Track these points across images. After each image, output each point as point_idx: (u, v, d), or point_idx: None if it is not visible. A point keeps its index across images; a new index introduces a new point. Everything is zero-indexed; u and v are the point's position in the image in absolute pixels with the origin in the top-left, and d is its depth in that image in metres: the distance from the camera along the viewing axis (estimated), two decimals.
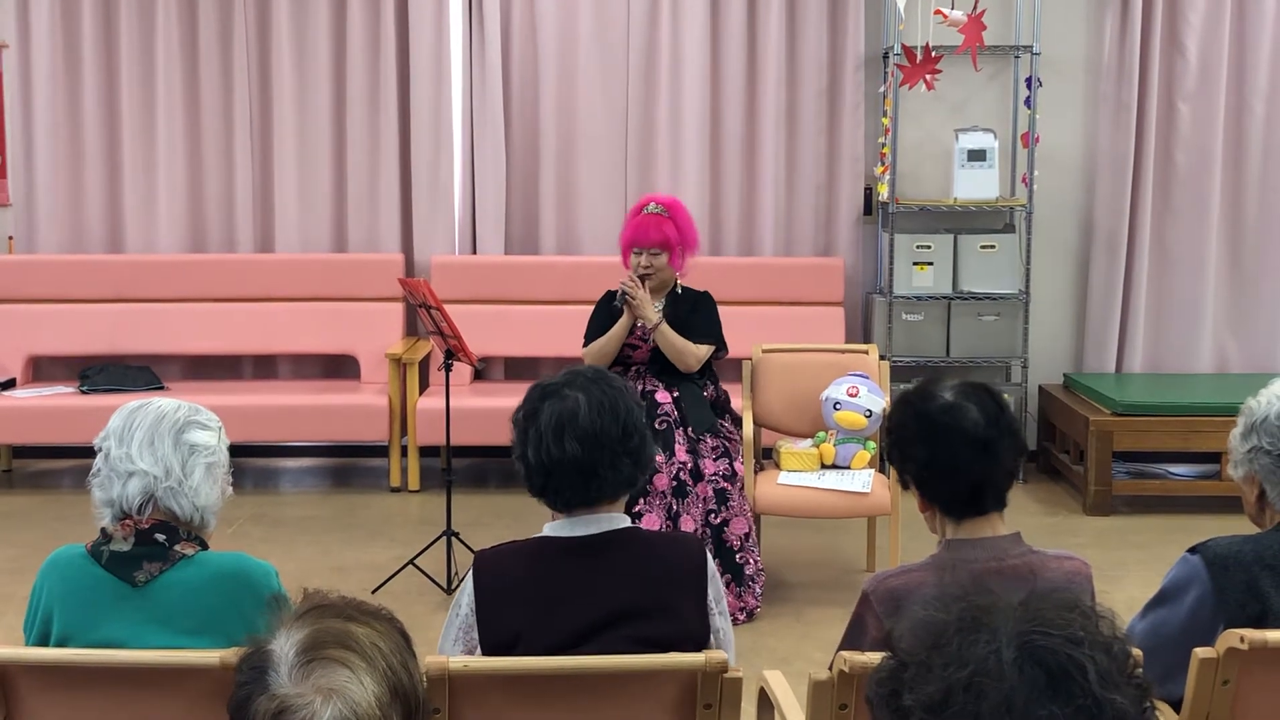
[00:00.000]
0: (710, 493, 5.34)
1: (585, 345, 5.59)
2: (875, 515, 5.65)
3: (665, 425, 5.38)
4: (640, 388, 5.48)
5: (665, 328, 5.45)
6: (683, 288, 5.61)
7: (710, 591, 2.82)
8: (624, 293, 5.45)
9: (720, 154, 7.64)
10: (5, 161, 7.71)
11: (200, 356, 7.71)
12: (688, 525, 5.25)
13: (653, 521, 5.19)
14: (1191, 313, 7.62)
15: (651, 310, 5.45)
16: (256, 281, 7.61)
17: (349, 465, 7.84)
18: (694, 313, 5.55)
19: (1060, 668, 1.35)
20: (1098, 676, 1.35)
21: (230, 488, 2.91)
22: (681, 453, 5.35)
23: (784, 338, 6.39)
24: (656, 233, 5.49)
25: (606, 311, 5.58)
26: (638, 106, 7.61)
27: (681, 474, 5.31)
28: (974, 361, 7.44)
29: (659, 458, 5.28)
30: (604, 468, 2.73)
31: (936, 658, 1.40)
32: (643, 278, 5.50)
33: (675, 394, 5.49)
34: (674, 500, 5.29)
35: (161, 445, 2.77)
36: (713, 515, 5.32)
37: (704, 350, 5.51)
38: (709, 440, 5.43)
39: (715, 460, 5.40)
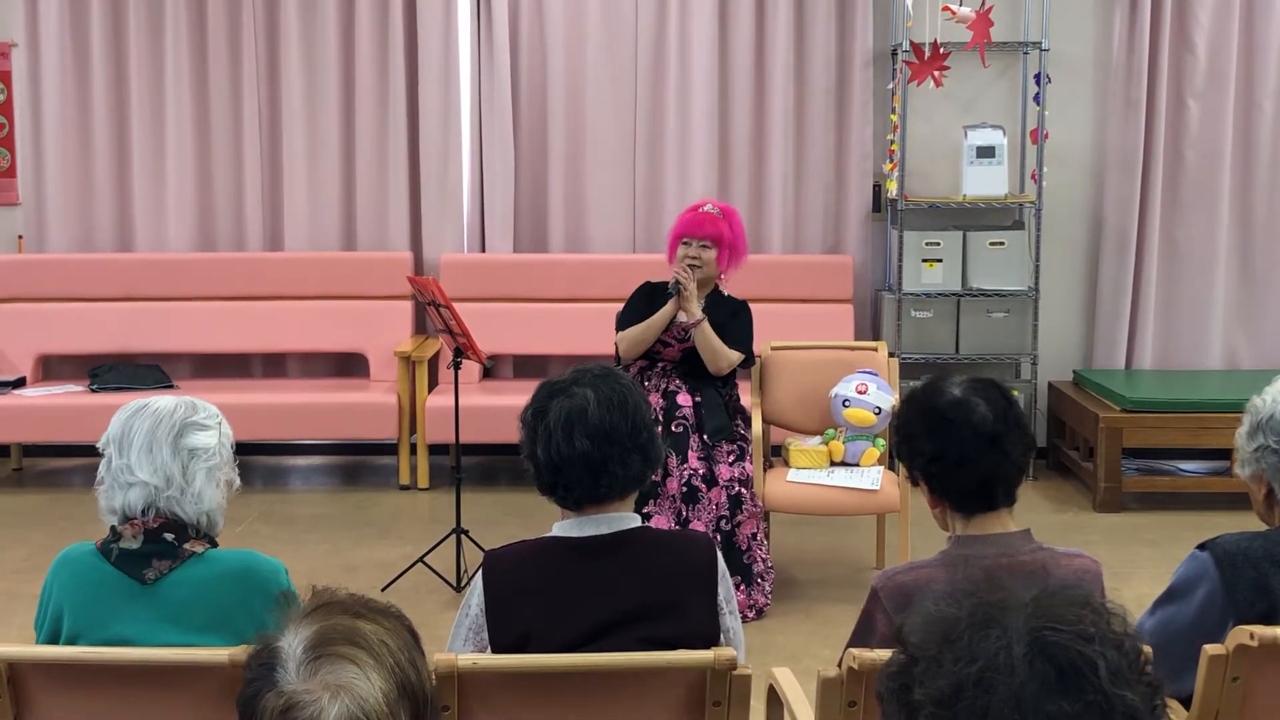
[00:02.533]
0: (724, 498, 5.32)
1: (619, 331, 5.56)
2: (885, 512, 5.65)
3: (681, 429, 5.37)
4: (664, 386, 5.47)
5: (706, 325, 5.43)
6: (727, 294, 5.60)
7: (720, 590, 2.81)
8: (677, 281, 5.44)
9: (729, 152, 7.64)
10: (14, 160, 7.72)
11: (210, 355, 7.71)
12: (697, 529, 5.24)
13: (661, 524, 5.17)
14: (1201, 309, 7.61)
15: (696, 305, 5.45)
16: (266, 280, 7.61)
17: (358, 463, 7.85)
18: (733, 318, 5.54)
19: (1070, 664, 1.35)
20: (1108, 673, 1.35)
21: (237, 478, 2.90)
22: (694, 459, 5.33)
23: (793, 335, 6.39)
24: (711, 226, 5.49)
25: (645, 302, 5.56)
26: (646, 104, 7.61)
27: (693, 479, 5.30)
28: (983, 358, 7.43)
29: (671, 461, 5.27)
30: (614, 464, 2.73)
31: (947, 652, 1.39)
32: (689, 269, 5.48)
33: (696, 399, 5.47)
34: (684, 506, 5.28)
35: (160, 453, 2.74)
36: (724, 521, 5.31)
37: (736, 356, 5.50)
38: (725, 445, 5.42)
39: (731, 465, 5.38)
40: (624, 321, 5.57)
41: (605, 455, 2.71)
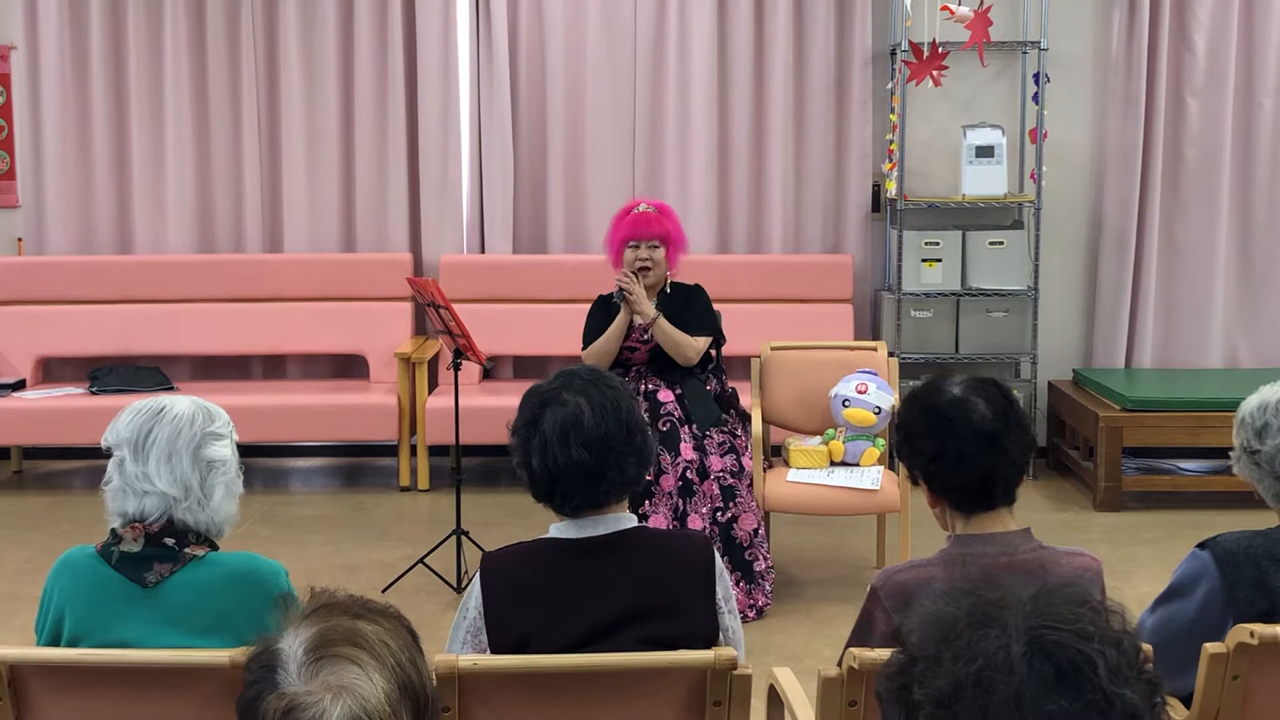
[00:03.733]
0: (717, 489, 5.33)
1: (584, 349, 5.59)
2: (885, 512, 5.64)
3: (669, 425, 5.37)
4: (642, 388, 5.48)
5: (663, 321, 5.46)
6: (672, 285, 5.61)
7: (719, 589, 2.81)
8: (621, 289, 5.46)
9: (728, 151, 7.64)
10: (14, 163, 7.72)
11: (210, 357, 7.71)
12: (695, 524, 5.25)
13: (659, 522, 5.18)
14: (1201, 308, 7.61)
15: (648, 305, 5.46)
16: (265, 281, 7.61)
17: (358, 465, 7.85)
18: (687, 306, 5.56)
19: (1069, 662, 1.35)
20: (1107, 672, 1.35)
21: (241, 483, 2.90)
22: (688, 451, 5.34)
23: (792, 335, 6.39)
24: (657, 226, 5.52)
25: (602, 314, 5.59)
26: (645, 104, 7.61)
27: (688, 473, 5.31)
28: (983, 358, 7.43)
29: (665, 458, 5.28)
30: (611, 470, 2.73)
31: (946, 652, 1.39)
32: (639, 272, 5.50)
33: (678, 391, 5.49)
34: (681, 500, 5.28)
35: (180, 464, 2.74)
36: (720, 513, 5.32)
37: (701, 342, 5.52)
38: (715, 436, 5.43)
39: (722, 456, 5.39)
40: (587, 338, 5.60)
41: (602, 463, 2.71)
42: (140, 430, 2.76)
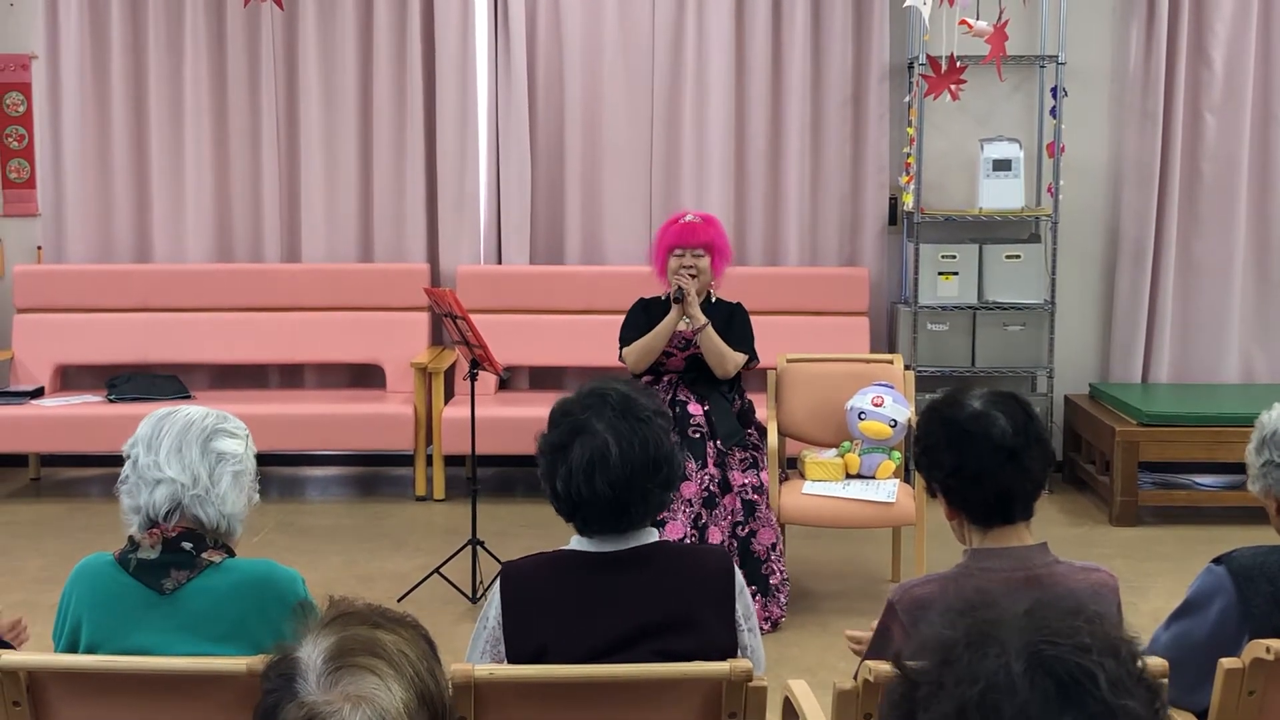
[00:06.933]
0: (738, 504, 5.33)
1: (625, 346, 5.56)
2: (900, 525, 5.65)
3: (698, 435, 5.38)
4: (671, 397, 5.48)
5: (710, 330, 5.45)
6: (717, 298, 5.61)
7: (739, 606, 2.81)
8: (680, 288, 5.45)
9: (745, 164, 7.65)
10: (34, 172, 7.76)
11: (227, 366, 7.74)
12: (715, 537, 5.25)
13: (677, 529, 5.18)
14: (1217, 323, 7.60)
15: (699, 311, 5.47)
16: (283, 291, 7.64)
17: (374, 474, 7.86)
18: (730, 321, 5.55)
19: (1070, 676, 1.35)
20: (1108, 683, 1.35)
21: (257, 495, 2.92)
22: (710, 465, 5.34)
23: (809, 347, 6.40)
24: (703, 234, 5.51)
25: (644, 317, 5.58)
26: (663, 116, 7.62)
27: (710, 486, 5.31)
28: (999, 371, 7.42)
29: (690, 465, 5.27)
30: (635, 504, 2.73)
31: (948, 676, 1.39)
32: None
33: (705, 407, 5.48)
34: (703, 511, 5.28)
35: (189, 453, 2.78)
36: (740, 528, 5.32)
37: (740, 358, 5.52)
38: (737, 452, 5.43)
39: (744, 472, 5.39)
40: (627, 338, 5.60)
41: (627, 499, 2.72)
42: (154, 428, 2.83)
